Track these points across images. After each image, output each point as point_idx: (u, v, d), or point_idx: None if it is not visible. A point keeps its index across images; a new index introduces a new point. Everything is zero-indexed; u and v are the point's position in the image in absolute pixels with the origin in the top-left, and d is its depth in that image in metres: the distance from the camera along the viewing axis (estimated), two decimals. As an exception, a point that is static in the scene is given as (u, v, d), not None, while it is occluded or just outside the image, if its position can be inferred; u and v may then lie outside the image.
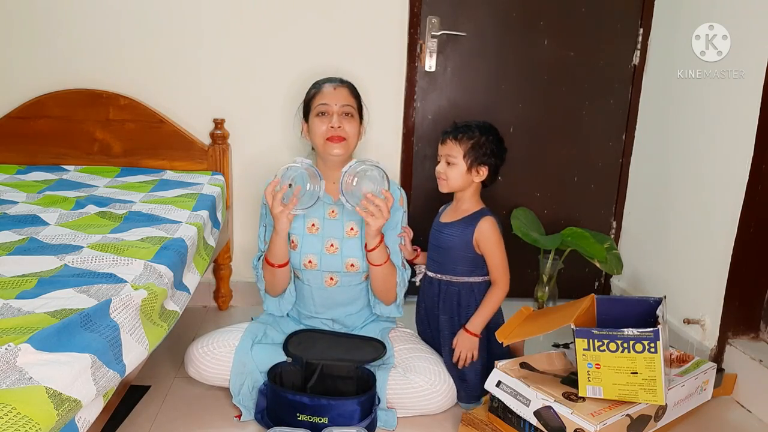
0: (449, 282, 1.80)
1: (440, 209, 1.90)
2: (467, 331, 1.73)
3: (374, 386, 1.65)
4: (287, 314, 1.90)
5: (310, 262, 1.77)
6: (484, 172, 1.75)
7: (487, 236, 1.74)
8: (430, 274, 1.85)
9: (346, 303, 1.83)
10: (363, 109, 1.86)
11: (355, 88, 1.84)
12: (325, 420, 1.56)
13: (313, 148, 1.84)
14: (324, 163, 1.80)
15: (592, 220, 2.59)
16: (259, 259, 1.83)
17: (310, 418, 1.56)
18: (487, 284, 1.79)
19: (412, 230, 1.90)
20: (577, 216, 2.58)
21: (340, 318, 1.85)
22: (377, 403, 1.64)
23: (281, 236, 1.70)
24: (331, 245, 1.78)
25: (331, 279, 1.80)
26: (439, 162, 1.79)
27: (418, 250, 1.91)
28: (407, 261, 1.89)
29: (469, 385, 1.75)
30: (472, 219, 1.77)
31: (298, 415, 1.57)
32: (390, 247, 1.79)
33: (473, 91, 2.45)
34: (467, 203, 1.80)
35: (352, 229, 1.79)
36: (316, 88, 1.80)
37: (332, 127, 1.73)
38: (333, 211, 1.80)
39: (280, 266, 1.76)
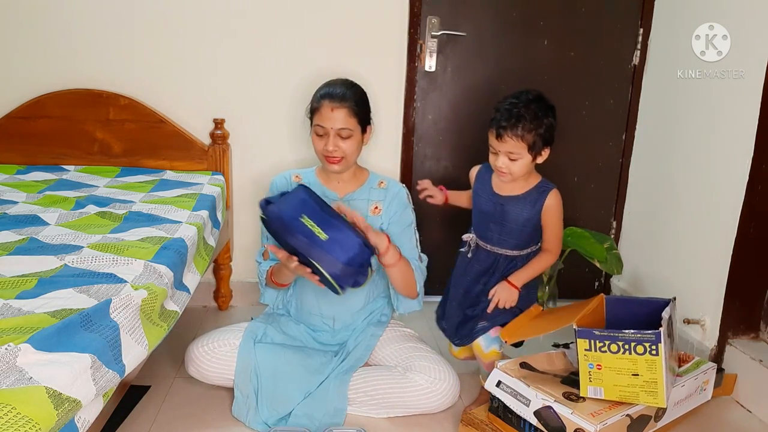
0: (512, 257, 1.74)
1: (477, 172, 1.81)
2: (509, 282, 1.71)
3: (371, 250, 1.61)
4: (288, 312, 1.90)
5: None
6: (546, 152, 1.66)
7: (555, 209, 1.71)
8: (487, 246, 1.77)
9: (347, 300, 1.82)
10: (369, 115, 1.79)
11: (358, 102, 1.73)
12: (324, 236, 1.51)
13: None
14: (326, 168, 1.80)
15: (592, 220, 2.59)
16: (261, 253, 1.85)
17: (312, 226, 1.52)
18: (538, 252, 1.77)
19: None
20: (577, 216, 2.58)
21: (340, 316, 1.85)
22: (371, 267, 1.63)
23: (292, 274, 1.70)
24: None
25: None
26: (494, 153, 1.66)
27: (444, 189, 1.88)
28: (442, 204, 1.89)
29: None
30: (540, 192, 1.71)
31: (302, 216, 1.53)
32: (404, 246, 1.79)
33: (473, 91, 2.44)
34: (528, 177, 1.72)
35: None
36: (317, 103, 1.72)
37: (328, 149, 1.71)
38: (336, 208, 1.75)
39: (284, 285, 1.82)
